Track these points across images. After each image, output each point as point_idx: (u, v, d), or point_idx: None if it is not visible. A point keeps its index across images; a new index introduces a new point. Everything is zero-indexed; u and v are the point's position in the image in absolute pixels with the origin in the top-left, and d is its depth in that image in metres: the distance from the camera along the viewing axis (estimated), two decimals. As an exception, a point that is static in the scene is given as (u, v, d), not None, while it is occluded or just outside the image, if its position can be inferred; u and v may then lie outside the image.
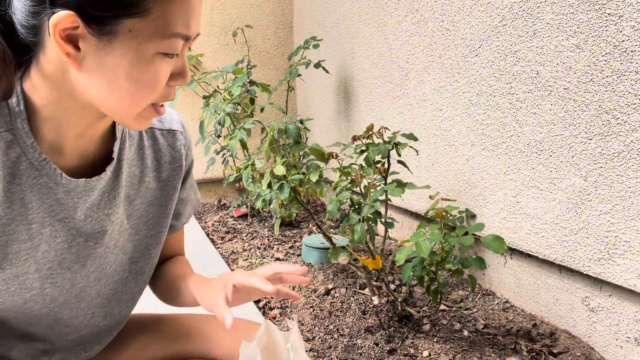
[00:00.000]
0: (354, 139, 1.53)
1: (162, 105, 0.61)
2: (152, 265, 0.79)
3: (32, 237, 0.61)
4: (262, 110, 2.34)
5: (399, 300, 1.53)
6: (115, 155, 0.67)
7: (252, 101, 2.50)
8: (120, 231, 0.71)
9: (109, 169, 0.66)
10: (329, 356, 1.36)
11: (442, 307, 1.63)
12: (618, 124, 1.22)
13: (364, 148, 1.51)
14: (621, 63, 1.19)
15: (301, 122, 2.10)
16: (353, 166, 1.54)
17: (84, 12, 0.50)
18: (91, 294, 0.71)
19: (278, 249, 2.26)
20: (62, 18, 0.50)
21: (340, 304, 1.65)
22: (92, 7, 0.50)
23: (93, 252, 0.68)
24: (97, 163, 0.66)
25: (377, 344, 1.40)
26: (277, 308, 1.66)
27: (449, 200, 1.64)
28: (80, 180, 0.62)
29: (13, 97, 0.57)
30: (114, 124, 0.67)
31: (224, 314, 0.64)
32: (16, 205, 0.59)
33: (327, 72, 2.50)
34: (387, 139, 1.50)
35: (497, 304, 1.67)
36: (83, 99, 0.57)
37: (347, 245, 1.51)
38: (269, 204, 1.64)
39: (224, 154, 2.73)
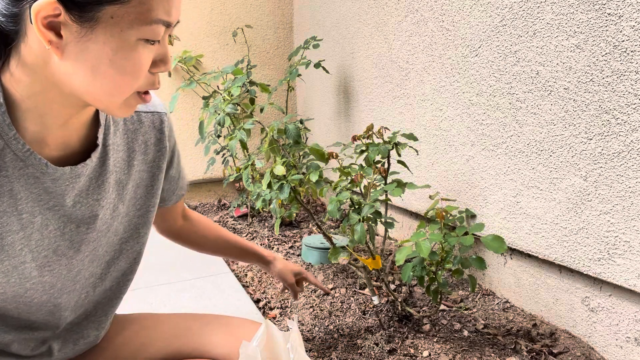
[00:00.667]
0: (354, 139, 1.53)
1: (146, 93, 0.61)
2: (141, 243, 0.81)
3: (24, 227, 0.62)
4: (262, 110, 2.34)
5: (399, 300, 1.53)
6: (100, 141, 0.67)
7: (252, 101, 2.50)
8: (113, 215, 0.73)
9: (94, 156, 0.66)
10: (329, 356, 1.36)
11: (442, 307, 1.63)
12: (618, 124, 1.22)
13: (364, 148, 1.51)
14: (621, 63, 1.19)
15: (301, 122, 2.10)
16: (353, 166, 1.54)
17: None
18: (85, 275, 0.73)
19: (278, 249, 2.26)
20: (43, 5, 0.49)
21: (340, 304, 1.65)
22: None
23: (86, 237, 0.69)
24: (82, 150, 0.67)
25: (377, 344, 1.40)
26: (277, 308, 1.66)
27: (449, 200, 1.64)
28: (66, 168, 0.63)
29: None
30: (97, 111, 0.67)
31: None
32: (5, 197, 0.59)
33: (327, 72, 2.51)
34: (387, 139, 1.50)
35: (497, 304, 1.67)
36: (66, 89, 0.57)
37: (347, 245, 1.51)
38: (269, 204, 1.64)
39: (224, 154, 2.73)
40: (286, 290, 1.56)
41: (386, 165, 1.51)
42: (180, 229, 1.01)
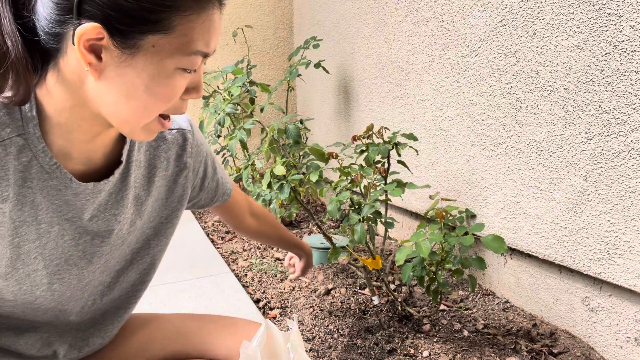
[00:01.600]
0: (354, 139, 1.53)
1: (168, 118, 0.62)
2: (152, 255, 0.81)
3: (41, 236, 0.63)
4: (262, 110, 2.34)
5: (399, 300, 1.53)
6: (124, 158, 0.68)
7: (252, 101, 2.50)
8: (130, 231, 0.74)
9: (117, 172, 0.67)
10: (329, 356, 1.36)
11: (442, 307, 1.63)
12: (618, 124, 1.22)
13: (364, 148, 1.51)
14: (621, 63, 1.19)
15: (301, 122, 2.10)
16: (353, 166, 1.54)
17: (110, 25, 0.51)
18: (94, 283, 0.73)
19: (278, 249, 2.26)
20: (88, 29, 0.51)
21: (340, 304, 1.65)
22: (119, 22, 0.51)
23: (99, 250, 0.70)
24: (105, 165, 0.68)
25: (377, 344, 1.40)
26: (277, 308, 1.66)
27: (449, 200, 1.64)
28: (89, 184, 0.64)
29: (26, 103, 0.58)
30: None
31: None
32: (27, 207, 0.60)
33: (327, 72, 2.51)
34: (387, 139, 1.50)
35: (497, 304, 1.67)
36: (95, 108, 0.58)
37: (347, 245, 1.51)
38: (269, 204, 1.64)
39: (224, 154, 2.73)
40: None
41: (386, 165, 1.51)
42: (249, 226, 1.06)
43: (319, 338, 1.46)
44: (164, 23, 0.52)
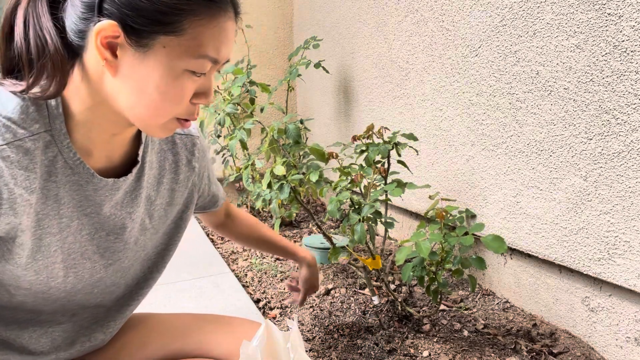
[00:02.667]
0: (354, 139, 1.53)
1: (187, 120, 0.64)
2: (165, 261, 0.84)
3: (62, 230, 0.65)
4: (262, 110, 2.34)
5: (399, 300, 1.53)
6: (140, 157, 0.71)
7: (252, 101, 2.50)
8: (141, 230, 0.76)
9: (135, 170, 0.71)
10: (329, 356, 1.36)
11: (442, 307, 1.63)
12: (618, 124, 1.22)
13: (364, 148, 1.51)
14: (621, 63, 1.19)
15: (301, 122, 2.10)
16: (353, 166, 1.54)
17: (125, 24, 0.55)
18: (106, 282, 0.75)
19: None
20: (106, 26, 0.54)
21: (340, 304, 1.65)
22: (134, 21, 0.54)
23: (112, 246, 0.72)
24: (122, 164, 0.71)
25: (377, 344, 1.40)
26: (277, 308, 1.66)
27: (449, 200, 1.64)
28: (109, 180, 0.67)
29: (53, 100, 0.61)
30: (139, 129, 0.71)
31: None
32: (50, 200, 0.63)
33: (327, 72, 2.51)
34: (387, 139, 1.50)
35: (497, 304, 1.67)
36: (114, 106, 0.61)
37: (347, 245, 1.51)
38: (269, 204, 1.64)
39: (224, 154, 2.73)
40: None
41: (386, 165, 1.51)
42: (223, 225, 1.09)
43: (319, 338, 1.46)
44: (175, 25, 0.55)
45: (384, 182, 1.50)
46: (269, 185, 1.53)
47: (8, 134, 0.56)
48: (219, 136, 2.51)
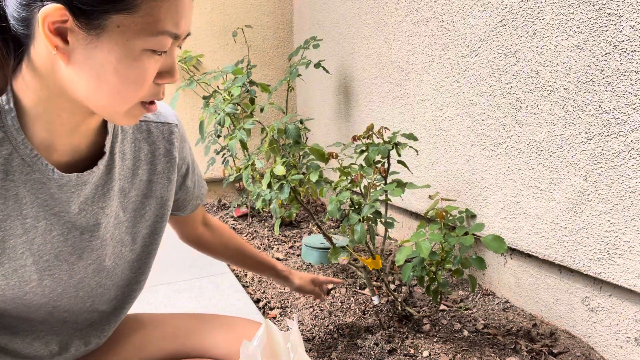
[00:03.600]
0: (354, 139, 1.53)
1: (152, 103, 0.60)
2: (152, 256, 0.81)
3: (27, 231, 0.62)
4: (262, 110, 2.34)
5: (399, 300, 1.53)
6: (107, 149, 0.67)
7: (252, 101, 2.50)
8: (115, 224, 0.72)
9: (101, 163, 0.66)
10: (329, 356, 1.36)
11: (442, 307, 1.63)
12: (618, 124, 1.22)
13: (364, 148, 1.51)
14: (621, 63, 1.19)
15: (301, 122, 2.10)
16: (353, 166, 1.54)
17: (72, 5, 0.50)
18: (90, 284, 0.72)
19: (278, 249, 2.26)
20: (51, 11, 0.50)
21: (340, 304, 1.65)
22: (81, 1, 0.50)
23: (89, 245, 0.69)
24: (89, 157, 0.67)
25: (377, 344, 1.40)
26: (277, 308, 1.66)
27: (449, 200, 1.64)
28: (72, 175, 0.63)
29: (3, 96, 0.57)
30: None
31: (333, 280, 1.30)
32: (10, 201, 0.60)
33: (327, 72, 2.51)
34: (387, 139, 1.50)
35: (497, 304, 1.67)
36: (72, 96, 0.57)
37: (347, 245, 1.51)
38: (269, 204, 1.64)
39: (224, 154, 2.73)
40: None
41: (386, 165, 1.51)
42: (201, 236, 1.02)
43: (319, 338, 1.46)
44: (127, 2, 0.51)
45: (384, 182, 1.50)
46: (269, 185, 1.53)
47: None
48: (219, 136, 2.51)
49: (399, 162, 1.56)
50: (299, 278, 1.27)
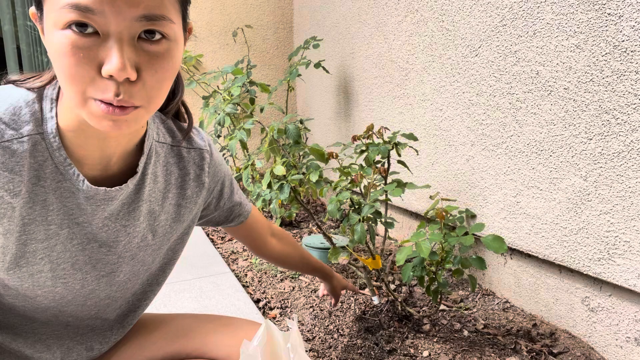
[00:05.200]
0: (354, 139, 1.53)
1: (109, 105, 0.51)
2: (166, 275, 0.82)
3: (49, 237, 0.63)
4: (262, 110, 2.34)
5: (399, 300, 1.53)
6: (139, 169, 0.67)
7: (252, 101, 2.50)
8: (142, 246, 0.73)
9: (131, 182, 0.67)
10: (329, 356, 1.36)
11: (442, 307, 1.63)
12: (618, 124, 1.22)
13: (364, 148, 1.51)
14: (621, 63, 1.19)
15: (301, 122, 2.10)
16: (353, 166, 1.54)
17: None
18: (99, 295, 0.73)
19: (278, 249, 2.25)
20: (32, 12, 0.54)
21: (340, 304, 1.65)
22: None
23: (104, 258, 0.69)
24: (121, 175, 0.68)
25: (377, 344, 1.40)
26: (277, 308, 1.66)
27: (449, 200, 1.64)
28: (101, 189, 0.63)
29: (47, 102, 0.59)
30: (142, 140, 0.68)
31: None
32: (38, 205, 0.60)
33: (327, 72, 2.51)
34: (387, 139, 1.50)
35: (497, 304, 1.67)
36: None
37: (347, 245, 1.51)
38: (269, 204, 1.64)
39: (224, 154, 2.73)
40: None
41: (386, 165, 1.51)
42: (272, 249, 1.05)
43: (319, 338, 1.46)
44: None
45: (384, 182, 1.50)
46: (269, 185, 1.53)
47: None
48: (219, 136, 2.51)
49: (399, 162, 1.56)
50: (338, 282, 1.34)
